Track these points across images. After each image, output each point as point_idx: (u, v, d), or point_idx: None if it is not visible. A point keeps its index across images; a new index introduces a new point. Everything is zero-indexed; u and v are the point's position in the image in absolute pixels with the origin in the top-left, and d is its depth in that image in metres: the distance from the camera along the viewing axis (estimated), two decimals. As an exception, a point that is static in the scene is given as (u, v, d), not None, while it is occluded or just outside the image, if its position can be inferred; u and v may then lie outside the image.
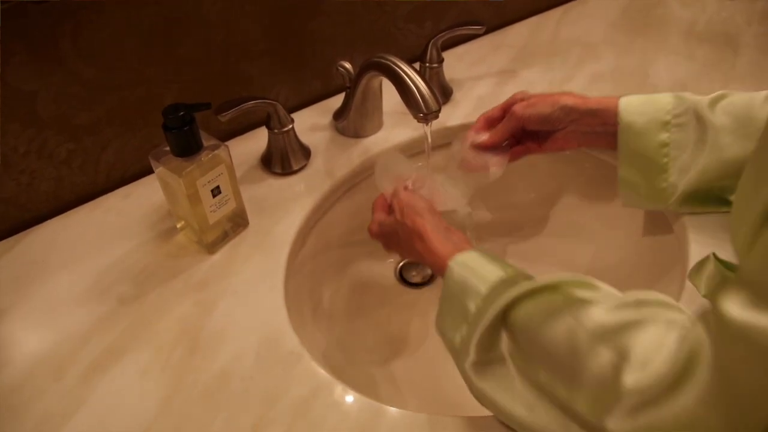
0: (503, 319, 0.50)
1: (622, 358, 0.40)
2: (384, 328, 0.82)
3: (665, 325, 0.41)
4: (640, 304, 0.44)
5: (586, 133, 0.70)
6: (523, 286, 0.49)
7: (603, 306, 0.44)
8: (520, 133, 0.73)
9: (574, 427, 0.44)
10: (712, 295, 0.39)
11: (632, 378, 0.39)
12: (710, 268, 0.49)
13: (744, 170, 0.39)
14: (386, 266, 0.92)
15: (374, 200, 0.71)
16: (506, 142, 0.73)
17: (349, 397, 0.57)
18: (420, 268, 0.91)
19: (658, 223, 0.74)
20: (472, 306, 0.51)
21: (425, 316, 0.81)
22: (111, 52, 0.70)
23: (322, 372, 0.59)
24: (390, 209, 0.68)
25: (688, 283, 0.63)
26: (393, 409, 0.56)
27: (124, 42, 0.71)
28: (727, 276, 0.48)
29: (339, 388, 0.58)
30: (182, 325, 0.63)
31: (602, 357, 0.41)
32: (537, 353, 0.47)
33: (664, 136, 0.65)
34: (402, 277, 0.91)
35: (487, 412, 0.53)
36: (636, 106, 0.66)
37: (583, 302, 0.46)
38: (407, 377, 0.76)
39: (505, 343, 0.50)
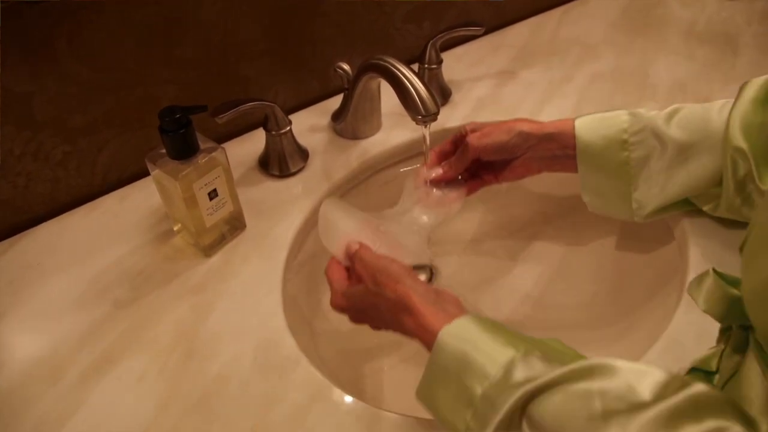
0: (521, 410, 0.42)
1: None
2: (383, 331, 0.81)
3: None
4: (696, 406, 0.37)
5: (545, 158, 0.68)
6: (544, 376, 0.41)
7: (654, 413, 0.37)
8: (476, 165, 0.71)
9: None
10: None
11: None
12: (709, 282, 0.47)
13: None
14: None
15: (327, 266, 0.61)
16: (461, 176, 0.72)
17: (348, 402, 0.57)
18: (421, 270, 0.91)
19: (658, 226, 0.74)
20: (477, 389, 0.44)
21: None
22: (108, 52, 0.70)
23: (320, 376, 0.59)
24: (351, 275, 0.60)
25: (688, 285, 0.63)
26: (392, 414, 0.56)
27: (121, 43, 0.70)
28: (728, 292, 0.46)
29: (337, 392, 0.57)
30: (179, 328, 0.63)
31: None
32: None
33: (623, 155, 0.64)
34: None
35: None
36: (592, 128, 0.65)
37: (629, 405, 0.38)
38: (407, 382, 0.76)
39: None
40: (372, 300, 0.55)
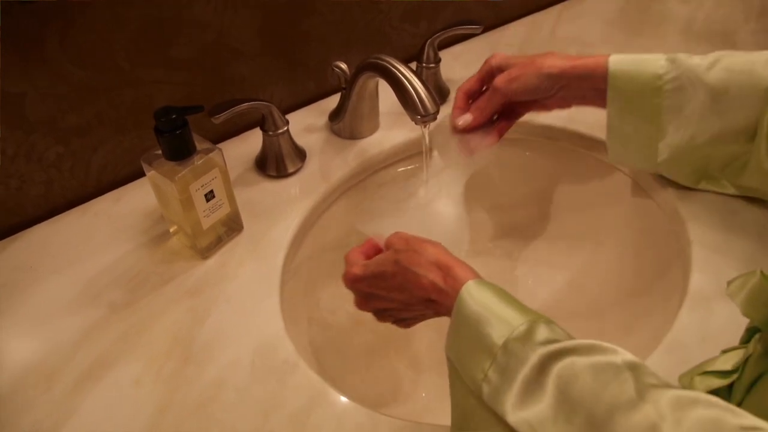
0: (545, 369, 0.42)
1: None
2: (383, 333, 0.81)
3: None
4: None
5: (577, 96, 0.68)
6: (567, 342, 0.43)
7: (683, 391, 0.38)
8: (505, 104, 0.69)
9: None
10: None
11: None
12: (755, 284, 0.42)
13: None
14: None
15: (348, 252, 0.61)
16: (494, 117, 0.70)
17: (347, 406, 0.56)
18: None
19: (662, 226, 0.73)
20: (497, 339, 0.45)
21: (425, 322, 0.80)
22: (100, 52, 0.69)
23: (318, 380, 0.58)
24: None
25: (691, 287, 0.62)
26: (392, 419, 0.55)
27: (113, 42, 0.69)
28: None
29: (336, 396, 0.57)
30: (175, 333, 0.62)
31: None
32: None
33: (655, 101, 0.63)
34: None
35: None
36: (626, 70, 0.63)
37: (660, 381, 0.40)
38: (407, 384, 0.75)
39: (546, 401, 0.42)
40: (393, 264, 0.55)
